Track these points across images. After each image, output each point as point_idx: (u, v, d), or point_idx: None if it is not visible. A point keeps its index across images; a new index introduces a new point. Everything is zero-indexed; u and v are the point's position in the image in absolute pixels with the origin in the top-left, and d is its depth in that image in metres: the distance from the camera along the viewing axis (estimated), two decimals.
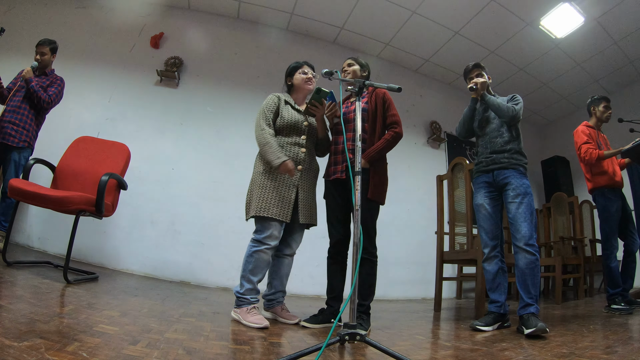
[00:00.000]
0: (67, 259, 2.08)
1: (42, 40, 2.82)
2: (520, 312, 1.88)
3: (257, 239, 1.84)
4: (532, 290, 1.89)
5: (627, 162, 2.87)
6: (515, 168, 2.07)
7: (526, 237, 1.92)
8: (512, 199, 2.02)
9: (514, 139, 2.14)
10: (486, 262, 2.14)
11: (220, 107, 3.83)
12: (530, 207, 1.98)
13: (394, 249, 3.90)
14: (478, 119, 2.30)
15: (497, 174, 2.12)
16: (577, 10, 3.58)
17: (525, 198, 1.99)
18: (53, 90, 2.78)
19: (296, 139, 1.97)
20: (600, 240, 3.08)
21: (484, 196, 2.17)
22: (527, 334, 1.72)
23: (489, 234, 2.13)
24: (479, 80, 2.19)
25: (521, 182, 2.03)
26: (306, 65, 2.09)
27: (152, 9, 3.91)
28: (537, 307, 1.86)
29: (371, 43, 4.40)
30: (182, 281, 3.24)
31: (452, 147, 4.94)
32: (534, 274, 1.90)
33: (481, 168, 2.21)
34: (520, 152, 2.13)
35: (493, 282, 2.09)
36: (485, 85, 2.21)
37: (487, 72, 2.29)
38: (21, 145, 2.67)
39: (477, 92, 2.20)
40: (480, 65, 2.28)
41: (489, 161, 2.16)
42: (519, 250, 1.94)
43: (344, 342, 1.22)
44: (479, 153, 2.27)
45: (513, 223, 1.99)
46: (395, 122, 1.99)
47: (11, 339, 0.99)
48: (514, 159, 2.09)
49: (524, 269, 1.92)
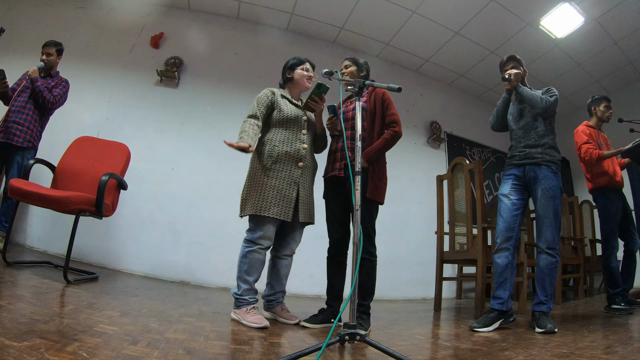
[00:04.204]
0: (67, 259, 2.08)
1: (49, 42, 2.83)
2: (534, 308, 1.99)
3: (250, 239, 1.83)
4: (549, 289, 2.00)
5: (627, 162, 2.86)
6: (548, 165, 2.06)
7: (549, 242, 2.01)
8: (541, 199, 2.03)
9: (549, 133, 2.13)
10: (497, 253, 2.10)
11: (220, 107, 3.82)
12: (557, 211, 2.02)
13: (394, 249, 3.90)
14: (512, 112, 2.29)
15: (529, 169, 2.10)
16: (577, 10, 3.58)
17: (554, 201, 2.01)
18: (58, 91, 2.78)
19: (297, 134, 1.94)
20: (600, 240, 3.08)
21: (510, 187, 2.16)
22: (538, 332, 1.85)
23: (505, 224, 2.09)
24: (512, 72, 2.18)
25: (553, 183, 2.03)
26: (308, 63, 2.08)
27: (152, 9, 3.91)
28: (549, 307, 1.97)
29: (371, 43, 4.40)
30: (182, 281, 3.24)
31: (452, 147, 4.94)
32: (552, 275, 2.01)
33: (514, 162, 2.19)
34: (555, 147, 2.12)
35: (500, 276, 2.06)
36: (519, 76, 2.19)
37: (523, 65, 2.26)
38: (25, 145, 2.67)
39: (511, 83, 2.19)
40: (516, 58, 2.26)
41: (522, 155, 2.15)
42: (542, 251, 2.03)
43: (344, 342, 1.21)
44: (512, 147, 2.26)
45: (539, 223, 2.05)
46: (394, 122, 1.97)
47: (11, 339, 0.99)
48: (548, 154, 2.08)
49: (544, 268, 2.01)
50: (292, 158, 1.89)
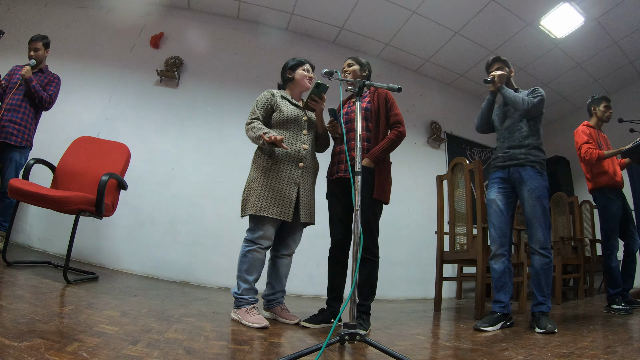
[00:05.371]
0: (67, 259, 2.08)
1: (34, 37, 2.79)
2: (533, 310, 1.99)
3: (250, 238, 1.83)
4: (545, 289, 2.00)
5: (627, 162, 2.87)
6: (532, 166, 2.06)
7: (541, 242, 2.01)
8: (528, 199, 2.03)
9: (533, 134, 2.12)
10: (493, 260, 2.13)
11: (220, 107, 3.82)
12: (545, 210, 2.02)
13: (394, 249, 3.89)
14: (497, 113, 2.29)
15: (513, 171, 2.11)
16: (577, 10, 3.58)
17: (541, 201, 2.01)
18: (52, 89, 2.78)
19: (298, 135, 1.95)
20: (600, 240, 3.08)
21: (497, 192, 2.16)
22: (538, 332, 1.84)
23: (498, 231, 2.12)
24: (496, 73, 2.18)
25: (538, 183, 2.03)
26: (308, 64, 2.09)
27: (152, 9, 3.91)
28: (548, 306, 1.97)
29: (371, 43, 4.40)
30: (182, 281, 3.24)
31: (452, 147, 4.94)
32: (547, 275, 2.01)
33: (498, 163, 2.20)
34: (539, 148, 2.11)
35: (499, 280, 2.09)
36: (504, 78, 2.19)
37: (509, 66, 2.26)
38: (23, 144, 2.67)
39: (495, 84, 2.19)
40: (501, 59, 2.26)
41: (506, 157, 2.15)
42: (535, 252, 2.03)
43: (344, 342, 1.22)
44: (497, 148, 2.26)
45: (529, 225, 2.04)
46: (398, 122, 2.00)
47: (11, 339, 0.99)
48: (532, 155, 2.08)
49: (538, 269, 2.01)
50: (293, 158, 1.89)
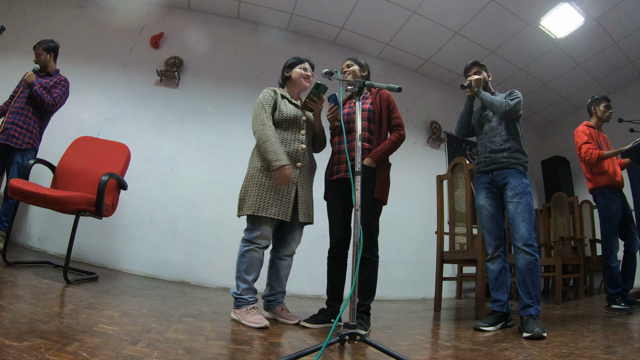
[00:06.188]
0: (67, 259, 2.08)
1: (37, 43, 2.82)
2: (520, 313, 1.89)
3: (248, 238, 1.83)
4: (532, 291, 1.88)
5: (627, 162, 2.86)
6: (514, 167, 2.06)
7: (525, 238, 1.92)
8: (511, 199, 2.01)
9: (513, 137, 2.12)
10: (490, 261, 2.15)
11: (220, 107, 3.83)
12: (529, 207, 1.97)
13: (394, 249, 3.90)
14: (477, 117, 2.29)
15: (497, 174, 2.11)
16: (577, 10, 3.58)
17: (524, 197, 1.98)
18: (57, 91, 2.77)
19: (296, 134, 1.95)
20: (600, 240, 3.08)
21: (485, 197, 2.17)
22: (525, 337, 1.73)
23: (492, 235, 2.13)
24: (473, 78, 2.18)
25: (520, 181, 2.02)
26: (307, 62, 2.09)
27: (152, 9, 3.91)
28: (537, 309, 1.85)
29: (371, 43, 4.40)
30: (182, 281, 3.24)
31: (452, 147, 4.94)
32: (533, 275, 1.89)
33: (481, 168, 2.20)
34: (520, 151, 2.10)
35: (496, 281, 2.10)
36: (480, 82, 2.19)
37: (487, 70, 2.27)
38: (24, 147, 2.67)
39: (471, 89, 2.19)
40: (479, 63, 2.27)
41: (488, 161, 2.15)
42: (518, 250, 1.94)
43: (344, 342, 1.21)
44: (479, 152, 2.26)
45: (512, 223, 1.99)
46: (399, 125, 2.02)
47: (11, 339, 0.99)
48: (513, 157, 2.07)
49: (523, 269, 1.91)
50: (291, 158, 1.89)
